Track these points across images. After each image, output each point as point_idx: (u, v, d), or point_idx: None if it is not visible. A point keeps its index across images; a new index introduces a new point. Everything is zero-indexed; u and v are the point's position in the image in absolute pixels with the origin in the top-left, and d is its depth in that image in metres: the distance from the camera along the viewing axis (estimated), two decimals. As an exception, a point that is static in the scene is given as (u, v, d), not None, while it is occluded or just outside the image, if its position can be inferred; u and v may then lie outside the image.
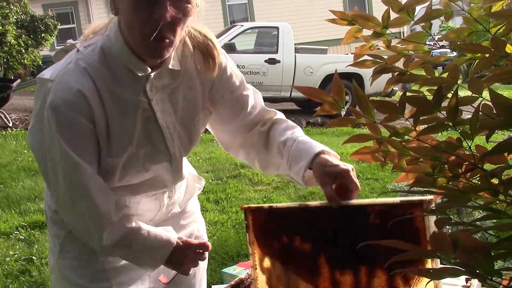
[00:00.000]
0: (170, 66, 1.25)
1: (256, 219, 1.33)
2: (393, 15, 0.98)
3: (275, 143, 1.39)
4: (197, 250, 1.32)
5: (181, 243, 1.30)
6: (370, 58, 1.04)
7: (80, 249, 1.35)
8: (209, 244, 1.33)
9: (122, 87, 1.23)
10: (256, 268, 1.33)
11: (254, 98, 1.44)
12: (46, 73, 1.22)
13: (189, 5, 1.16)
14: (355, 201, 1.18)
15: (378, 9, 15.52)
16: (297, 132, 1.41)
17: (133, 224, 1.26)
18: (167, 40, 1.16)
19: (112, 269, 1.36)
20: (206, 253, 1.36)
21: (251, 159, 1.49)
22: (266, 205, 1.33)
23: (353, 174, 1.18)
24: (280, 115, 1.48)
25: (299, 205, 1.26)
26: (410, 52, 1.03)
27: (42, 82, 1.21)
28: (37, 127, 1.21)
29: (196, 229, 1.59)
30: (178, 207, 1.50)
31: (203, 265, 1.65)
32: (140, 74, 1.22)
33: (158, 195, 1.39)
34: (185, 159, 1.46)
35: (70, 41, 1.32)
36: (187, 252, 1.31)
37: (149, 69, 1.23)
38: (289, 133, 1.39)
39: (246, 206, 1.33)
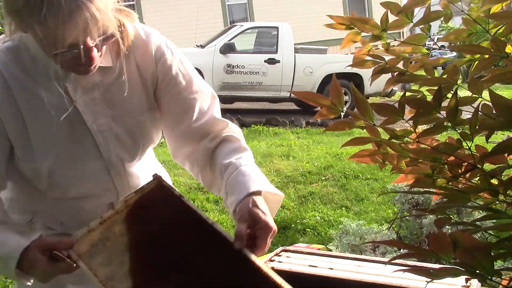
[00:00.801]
0: (99, 64, 1.12)
1: (153, 193, 1.16)
2: (392, 17, 0.98)
3: (218, 165, 1.24)
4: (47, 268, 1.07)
5: (33, 252, 1.07)
6: (370, 58, 1.04)
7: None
8: (70, 267, 1.06)
9: (39, 87, 1.14)
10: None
11: (205, 105, 1.28)
12: None
13: (105, 35, 1.05)
14: (255, 258, 1.06)
15: (378, 9, 15.52)
16: (243, 158, 1.24)
17: None
18: (91, 68, 1.09)
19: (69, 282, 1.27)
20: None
21: (195, 173, 1.34)
22: (177, 192, 1.15)
23: (270, 235, 1.07)
24: (232, 130, 1.30)
25: (206, 218, 1.10)
26: (409, 54, 1.03)
27: None
28: None
29: None
30: None
31: None
32: (55, 77, 1.12)
33: (110, 203, 1.29)
34: (148, 160, 1.37)
35: None
36: (40, 262, 1.06)
37: (71, 73, 1.13)
38: (234, 158, 1.23)
39: (160, 176, 1.16)
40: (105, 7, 1.01)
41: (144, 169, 1.34)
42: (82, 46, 1.02)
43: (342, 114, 1.02)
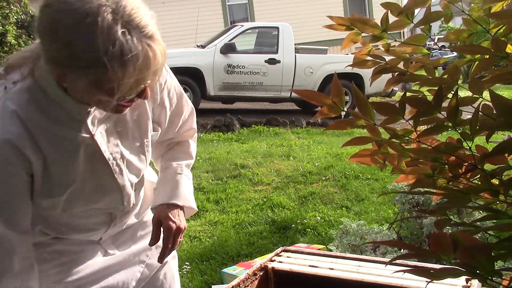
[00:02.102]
0: None
1: None
2: (393, 18, 0.98)
3: (163, 158, 1.48)
4: None
5: None
6: (370, 58, 1.04)
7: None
8: None
9: (59, 126, 1.13)
10: None
11: (187, 117, 1.46)
12: None
13: (148, 90, 1.11)
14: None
15: (378, 10, 15.52)
16: (182, 166, 1.47)
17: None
18: (127, 108, 1.15)
19: None
20: None
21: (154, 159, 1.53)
22: None
23: (174, 233, 1.33)
24: (193, 137, 1.54)
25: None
26: (410, 55, 1.03)
27: None
28: None
29: None
30: (134, 218, 1.45)
31: (171, 269, 1.59)
32: (77, 118, 1.14)
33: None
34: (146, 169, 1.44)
35: None
36: None
37: (89, 109, 1.15)
38: (175, 162, 1.47)
39: None
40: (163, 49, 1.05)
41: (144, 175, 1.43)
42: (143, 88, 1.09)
43: (343, 113, 1.02)
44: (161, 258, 1.34)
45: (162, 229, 1.34)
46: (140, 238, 1.48)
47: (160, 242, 1.42)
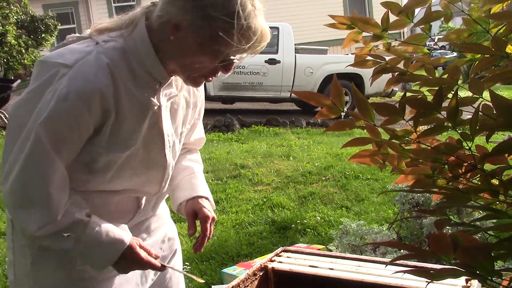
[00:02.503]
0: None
1: None
2: (393, 17, 0.98)
3: (179, 164, 1.52)
4: (147, 263, 1.28)
5: (136, 245, 1.26)
6: (371, 58, 1.04)
7: (57, 260, 1.28)
8: (159, 266, 1.31)
9: (139, 88, 1.21)
10: None
11: (201, 126, 1.57)
12: (58, 57, 1.14)
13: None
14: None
15: (378, 9, 15.52)
16: (197, 167, 1.57)
17: (84, 217, 1.20)
18: (210, 79, 1.23)
19: (92, 278, 1.31)
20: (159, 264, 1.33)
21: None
22: None
23: (210, 222, 1.41)
24: (201, 144, 1.64)
25: None
26: (410, 54, 1.03)
27: (52, 65, 1.13)
28: (32, 101, 1.13)
29: (168, 231, 1.56)
30: (151, 211, 1.48)
31: (180, 263, 1.65)
32: (160, 81, 1.24)
33: (138, 197, 1.38)
34: None
35: (88, 31, 1.25)
36: (139, 256, 1.26)
37: (168, 77, 1.25)
38: (192, 164, 1.55)
39: None
40: None
41: None
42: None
43: (343, 114, 1.02)
44: (200, 247, 1.40)
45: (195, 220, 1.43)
46: (154, 230, 1.50)
47: (170, 234, 1.55)
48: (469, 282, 1.35)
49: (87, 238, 1.19)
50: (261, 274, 1.56)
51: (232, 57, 1.18)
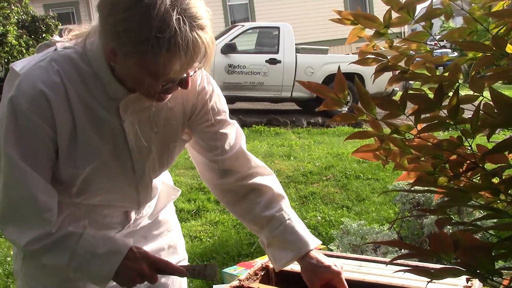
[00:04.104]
0: None
1: None
2: (394, 15, 0.98)
3: (256, 213, 1.36)
4: (147, 274, 1.22)
5: (136, 254, 1.21)
6: (372, 56, 1.04)
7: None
8: (157, 278, 1.24)
9: (94, 101, 1.17)
10: None
11: (235, 138, 1.39)
12: (18, 65, 1.16)
13: (194, 76, 1.18)
14: None
15: (379, 9, 15.51)
16: (285, 211, 1.35)
17: (78, 229, 1.18)
18: (168, 96, 1.18)
19: (80, 279, 1.29)
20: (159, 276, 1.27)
21: (225, 202, 1.46)
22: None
23: (343, 276, 1.27)
24: (264, 174, 1.44)
25: None
26: (412, 52, 1.03)
27: (12, 73, 1.15)
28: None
29: (170, 238, 1.52)
30: (147, 220, 1.45)
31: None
32: (116, 97, 1.18)
33: (127, 211, 1.35)
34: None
35: (56, 37, 1.25)
36: (141, 265, 1.21)
37: (128, 93, 1.18)
38: (275, 210, 1.35)
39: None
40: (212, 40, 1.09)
41: (157, 179, 1.41)
42: (185, 77, 1.12)
43: (345, 108, 1.03)
44: None
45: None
46: (154, 237, 1.46)
47: (172, 242, 1.49)
48: (469, 281, 1.34)
49: (82, 251, 1.17)
50: (262, 274, 1.55)
51: (174, 76, 1.09)
